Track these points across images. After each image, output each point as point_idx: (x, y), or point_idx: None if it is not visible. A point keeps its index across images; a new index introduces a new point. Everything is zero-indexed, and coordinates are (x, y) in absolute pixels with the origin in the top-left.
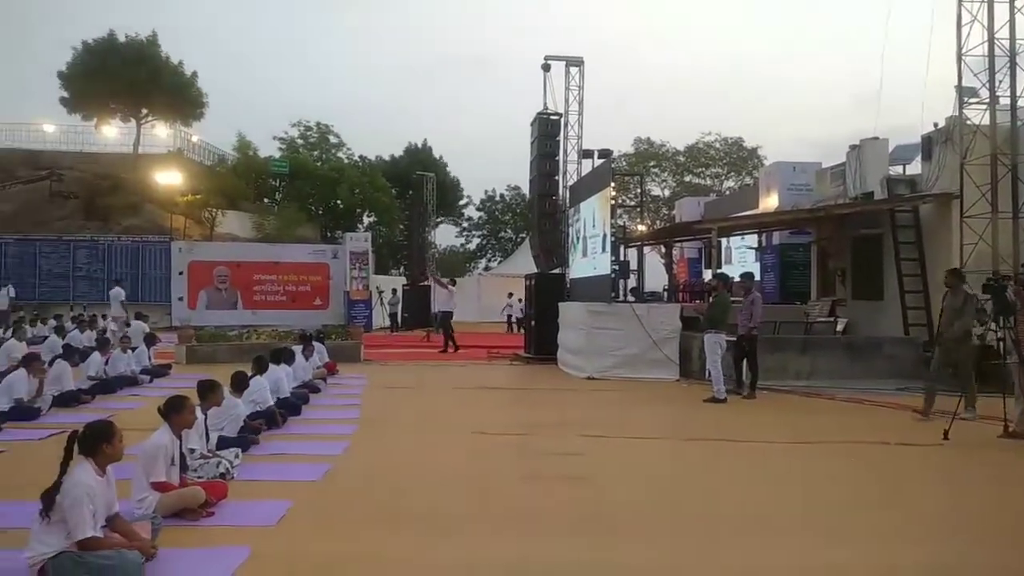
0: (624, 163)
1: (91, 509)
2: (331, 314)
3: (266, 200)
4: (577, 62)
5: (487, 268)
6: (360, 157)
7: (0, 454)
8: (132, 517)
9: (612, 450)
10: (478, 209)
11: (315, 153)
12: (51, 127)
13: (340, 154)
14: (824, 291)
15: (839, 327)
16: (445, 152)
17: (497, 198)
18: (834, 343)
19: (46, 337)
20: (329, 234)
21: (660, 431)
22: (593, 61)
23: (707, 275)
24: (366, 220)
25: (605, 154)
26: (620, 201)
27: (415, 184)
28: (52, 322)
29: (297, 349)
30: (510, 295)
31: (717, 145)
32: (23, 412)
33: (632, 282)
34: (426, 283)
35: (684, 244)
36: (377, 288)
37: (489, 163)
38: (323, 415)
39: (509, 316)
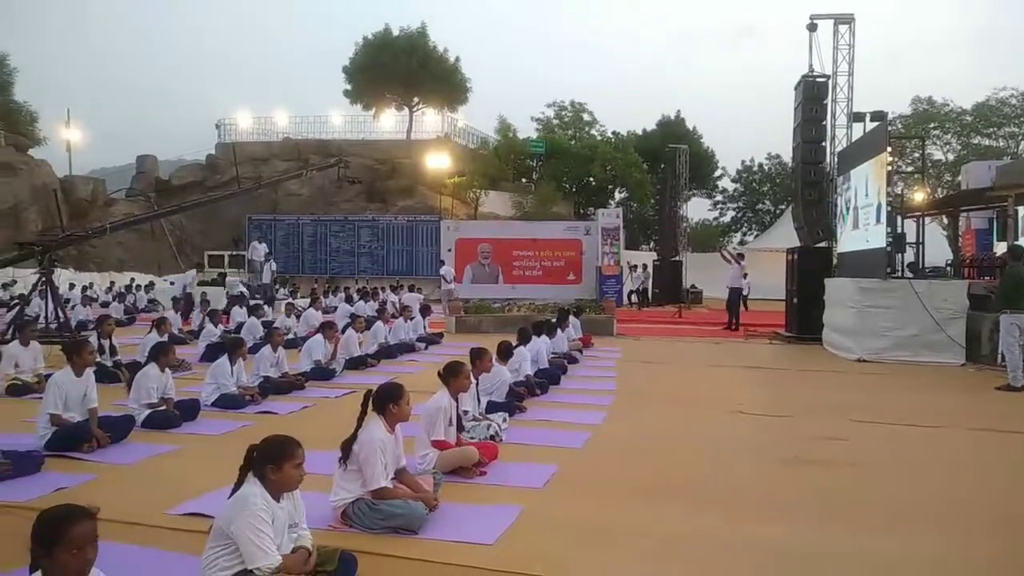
0: (900, 125)
1: (383, 462)
2: (584, 288)
3: (524, 179)
4: (847, 19)
5: (742, 242)
6: (613, 133)
7: (304, 409)
8: (416, 471)
9: (882, 437)
10: (733, 181)
11: (570, 132)
12: (337, 118)
13: (593, 131)
14: None
15: None
16: (699, 123)
17: (755, 168)
18: None
19: (336, 307)
20: (582, 210)
21: (940, 419)
22: (864, 17)
23: (999, 248)
24: (618, 196)
25: (879, 116)
26: (896, 167)
27: (667, 157)
28: (341, 294)
29: (555, 322)
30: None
31: (1013, 102)
32: (321, 373)
33: (910, 256)
34: (677, 258)
35: (971, 213)
36: (628, 263)
37: (746, 132)
38: (580, 386)
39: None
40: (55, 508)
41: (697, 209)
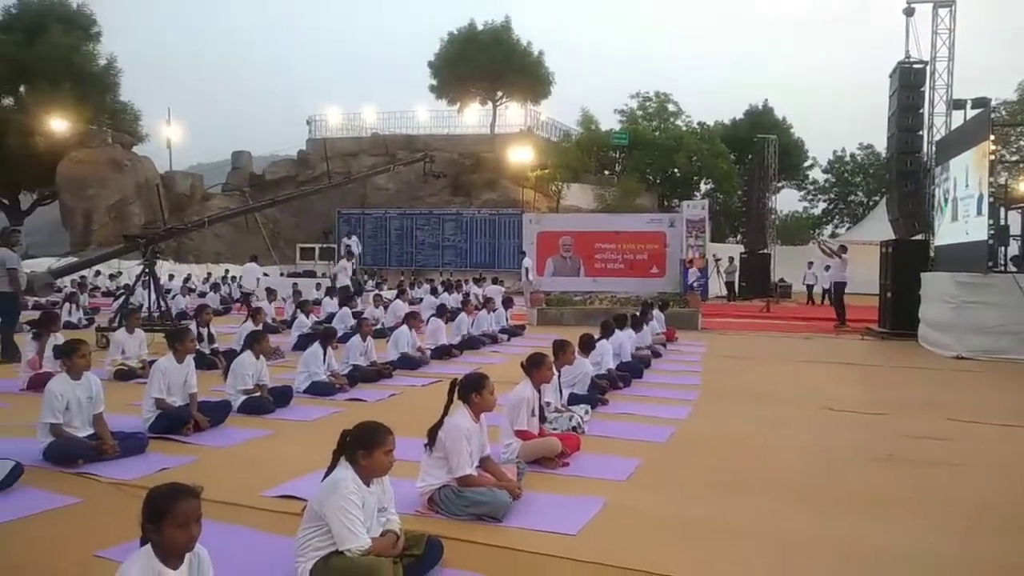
0: (1005, 112)
1: (468, 450)
2: (667, 282)
3: (607, 172)
4: (947, 2)
5: (833, 235)
6: (698, 124)
7: (391, 397)
8: (499, 460)
9: (985, 438)
10: (824, 171)
11: (654, 123)
12: (423, 113)
13: (678, 122)
14: None
15: None
16: (788, 113)
17: (846, 158)
18: None
19: (422, 299)
20: (666, 203)
21: None
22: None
23: None
24: (703, 187)
25: (981, 103)
26: (1000, 157)
27: (755, 148)
28: (426, 286)
29: (638, 316)
30: (810, 264)
31: None
32: (408, 361)
33: (1014, 249)
34: (765, 251)
35: None
36: (714, 256)
37: (838, 121)
38: (664, 380)
39: (810, 286)
40: (163, 486)
41: (786, 201)
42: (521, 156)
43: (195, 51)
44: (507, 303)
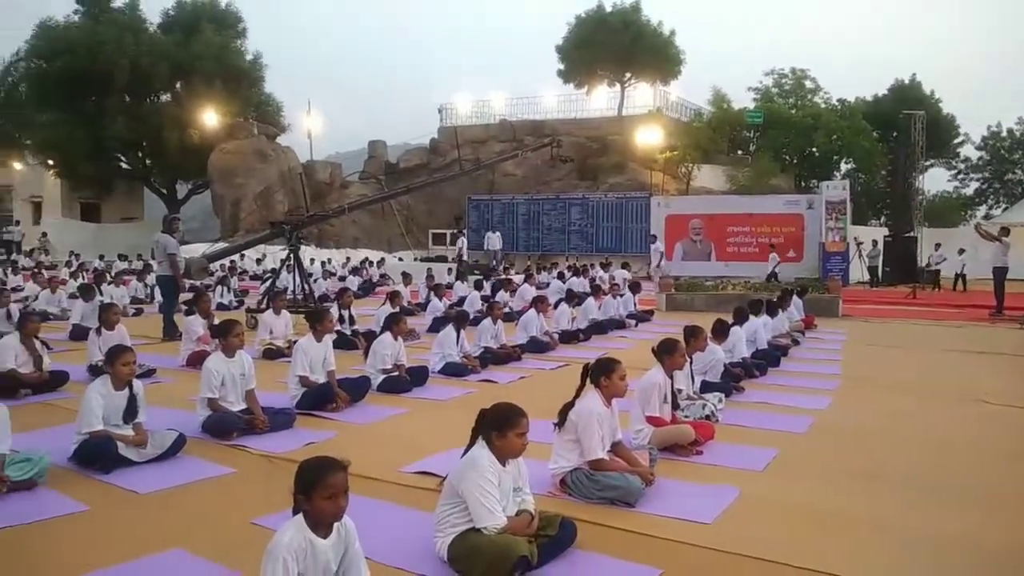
0: None
1: (600, 434)
2: (805, 266)
3: (740, 152)
4: None
5: (987, 216)
6: (838, 100)
7: (521, 379)
8: (631, 446)
9: None
10: (978, 148)
11: (790, 100)
12: (550, 98)
13: (816, 99)
14: None
15: None
16: (937, 87)
17: (1003, 134)
18: None
19: (549, 283)
20: (803, 183)
21: None
22: None
23: None
24: (844, 167)
25: None
26: None
27: (901, 125)
28: (554, 271)
29: (774, 302)
30: (961, 251)
31: None
32: (536, 345)
33: None
34: (911, 234)
35: None
36: (855, 239)
37: (993, 95)
38: (802, 368)
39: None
40: (314, 459)
41: (934, 180)
42: (650, 138)
43: (333, 44)
44: (635, 288)
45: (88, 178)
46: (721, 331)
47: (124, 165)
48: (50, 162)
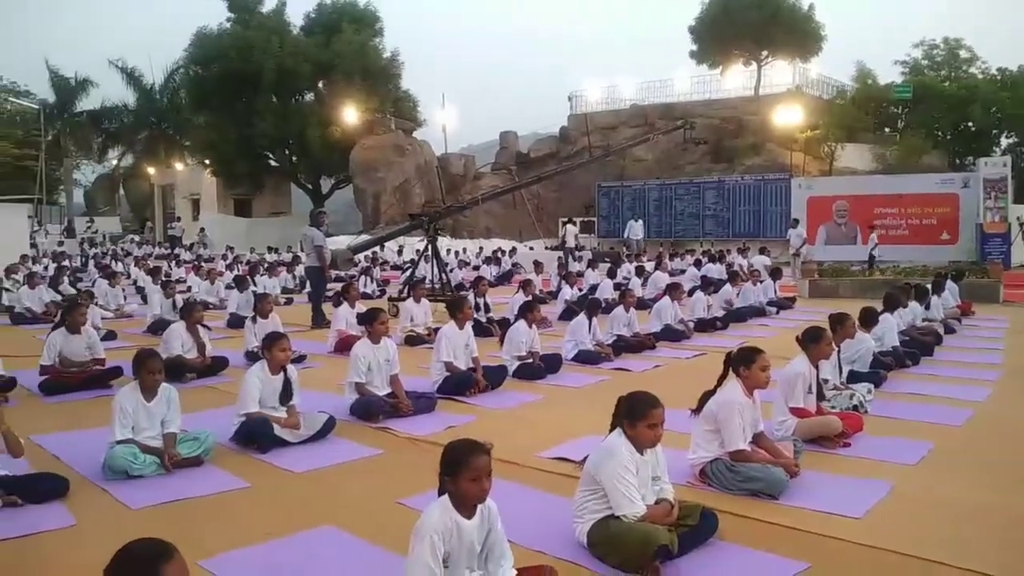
0: None
1: (741, 424)
2: (960, 249)
3: (887, 129)
4: None
5: None
6: (998, 70)
7: (655, 368)
8: (773, 437)
9: None
10: None
11: (942, 72)
12: (682, 80)
13: (973, 69)
14: None
15: None
16: None
17: None
18: None
19: (683, 271)
20: (959, 161)
21: None
22: None
23: None
24: (1004, 142)
25: None
26: None
27: None
28: (689, 257)
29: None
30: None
31: None
32: (670, 333)
33: None
34: None
35: None
36: (1018, 219)
37: None
38: (958, 358)
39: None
40: (459, 441)
41: None
42: (789, 117)
43: (464, 37)
44: (775, 274)
45: (240, 176)
46: (870, 319)
47: (272, 162)
48: (206, 161)
